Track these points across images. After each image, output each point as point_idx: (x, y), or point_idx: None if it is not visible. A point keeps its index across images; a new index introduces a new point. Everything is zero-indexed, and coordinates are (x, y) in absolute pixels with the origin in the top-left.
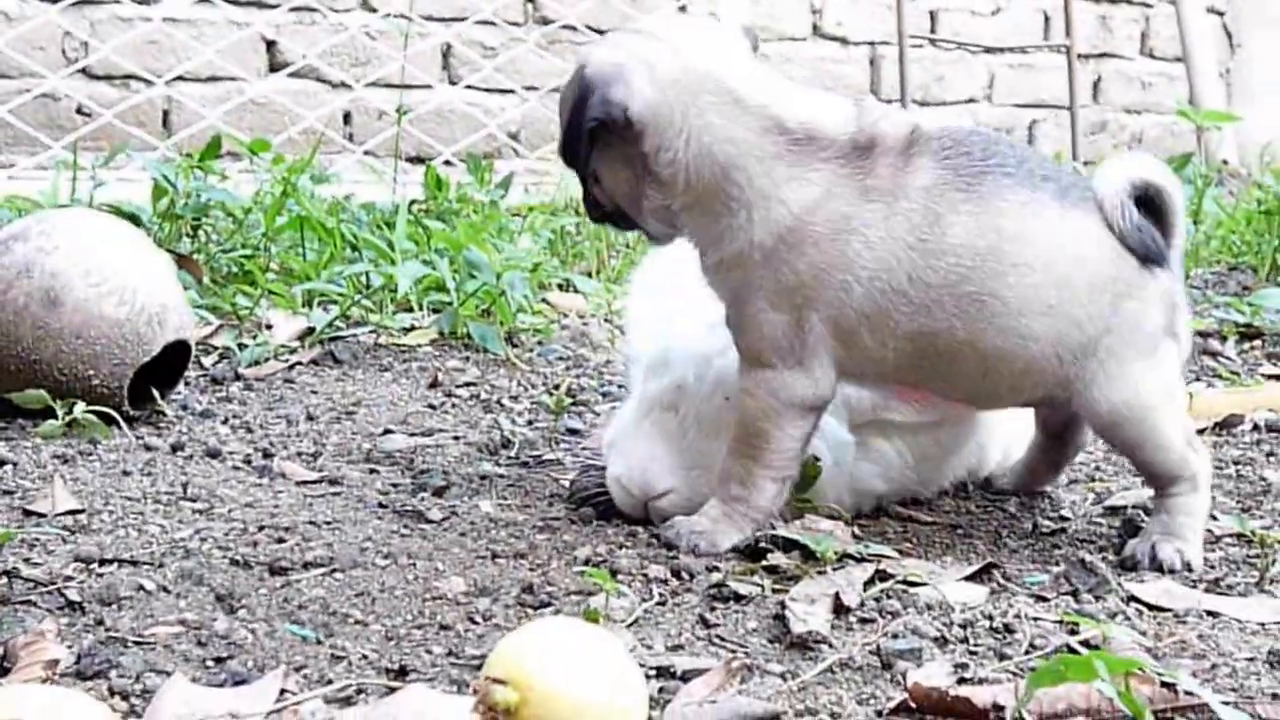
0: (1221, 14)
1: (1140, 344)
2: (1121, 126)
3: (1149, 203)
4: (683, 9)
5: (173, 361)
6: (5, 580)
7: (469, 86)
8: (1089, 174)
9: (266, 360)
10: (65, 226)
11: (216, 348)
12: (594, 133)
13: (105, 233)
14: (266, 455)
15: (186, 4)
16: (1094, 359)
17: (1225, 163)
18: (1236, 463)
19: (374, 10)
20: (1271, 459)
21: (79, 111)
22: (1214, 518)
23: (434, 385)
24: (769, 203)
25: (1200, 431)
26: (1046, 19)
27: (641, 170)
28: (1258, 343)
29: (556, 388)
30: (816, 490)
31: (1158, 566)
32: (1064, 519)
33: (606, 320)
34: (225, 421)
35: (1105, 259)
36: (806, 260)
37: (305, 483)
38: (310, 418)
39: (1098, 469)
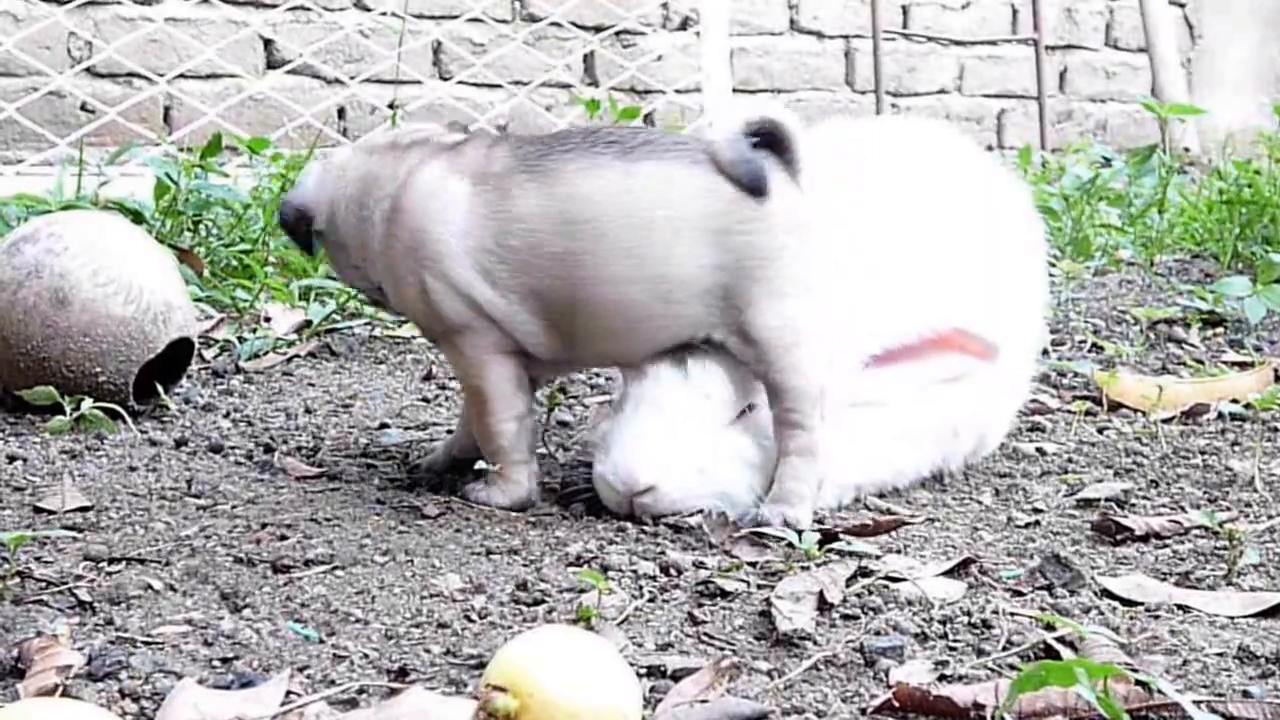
0: (1183, 5)
1: (784, 276)
2: (1087, 115)
3: (769, 139)
4: (664, 5)
5: (177, 357)
6: (18, 580)
7: (459, 82)
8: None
9: (266, 353)
10: (74, 228)
11: (217, 341)
12: (311, 235)
13: (112, 234)
14: (268, 450)
15: (187, 4)
16: (732, 296)
17: (1187, 150)
18: (1203, 453)
19: (368, 9)
20: (1236, 448)
21: (83, 109)
22: (1182, 509)
23: (428, 378)
24: (383, 198)
25: (1167, 420)
26: (1014, 12)
27: (337, 247)
28: (1220, 330)
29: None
30: None
31: (760, 523)
32: (1038, 511)
33: None
34: (227, 415)
35: (687, 199)
36: (406, 228)
37: (305, 478)
38: (309, 411)
39: (1070, 460)
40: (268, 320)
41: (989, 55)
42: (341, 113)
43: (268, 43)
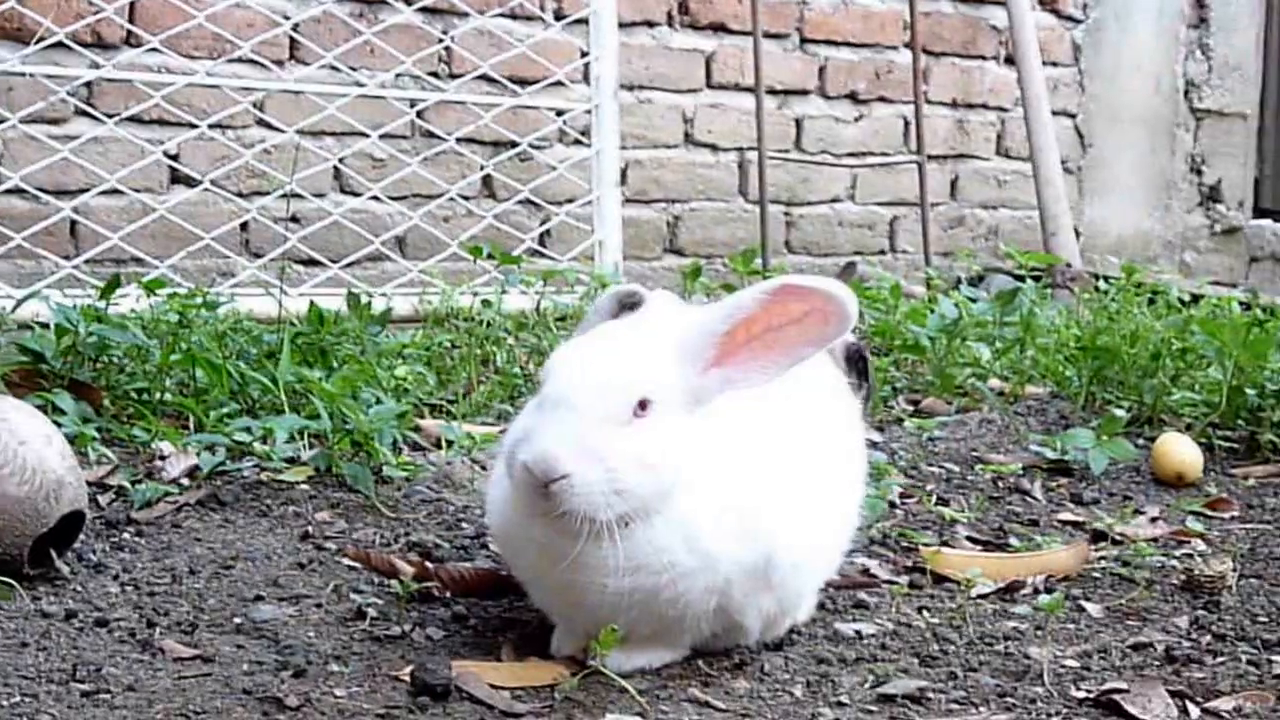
0: (1074, 116)
1: None
2: (978, 221)
3: None
4: (564, 123)
5: (69, 524)
6: None
7: (371, 198)
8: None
9: (157, 501)
10: None
11: (111, 486)
12: None
13: (6, 418)
14: (150, 624)
15: (95, 125)
16: None
17: (1068, 265)
18: (1008, 638)
19: (273, 128)
20: (1040, 633)
21: None
22: (974, 705)
23: (305, 538)
24: None
25: (985, 596)
26: (906, 124)
27: None
28: (1066, 479)
29: (412, 548)
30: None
31: None
32: (842, 705)
33: (469, 458)
34: (116, 577)
35: None
36: None
37: (181, 659)
38: (193, 572)
39: (883, 647)
40: (163, 459)
41: (881, 164)
42: (245, 226)
43: (173, 157)
